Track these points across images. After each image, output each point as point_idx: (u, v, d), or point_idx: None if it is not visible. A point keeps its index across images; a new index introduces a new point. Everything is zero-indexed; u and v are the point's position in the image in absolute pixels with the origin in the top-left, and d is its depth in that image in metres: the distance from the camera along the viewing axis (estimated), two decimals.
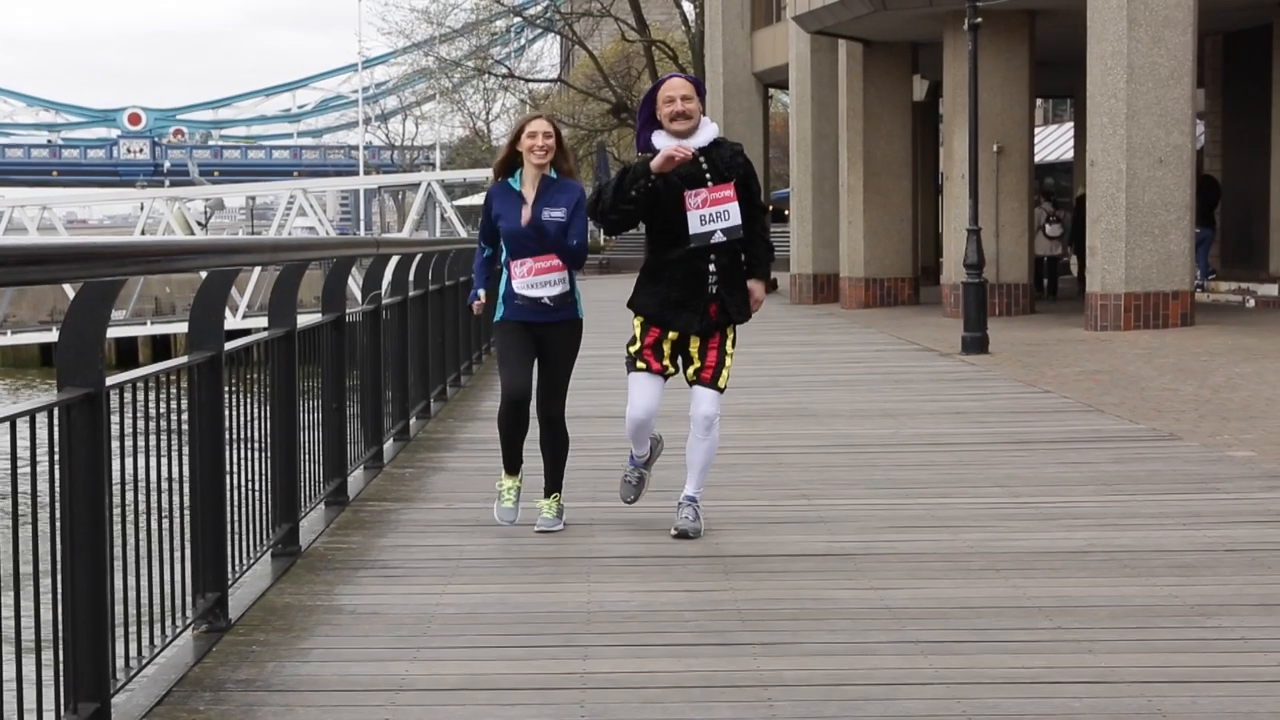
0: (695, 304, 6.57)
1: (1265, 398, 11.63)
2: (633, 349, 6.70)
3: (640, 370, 6.68)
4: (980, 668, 4.72)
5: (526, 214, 6.80)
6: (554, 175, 6.87)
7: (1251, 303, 21.60)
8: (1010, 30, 21.19)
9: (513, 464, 7.04)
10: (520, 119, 6.90)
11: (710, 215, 6.52)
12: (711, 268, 6.57)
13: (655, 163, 6.47)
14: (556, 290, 6.88)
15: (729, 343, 6.69)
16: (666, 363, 6.66)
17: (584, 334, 7.01)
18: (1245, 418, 10.57)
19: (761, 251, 6.83)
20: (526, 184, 6.88)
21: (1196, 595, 5.55)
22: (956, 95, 21.15)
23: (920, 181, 29.49)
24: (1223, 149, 25.90)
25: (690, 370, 6.67)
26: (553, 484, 6.98)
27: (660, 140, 6.59)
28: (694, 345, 6.63)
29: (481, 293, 7.13)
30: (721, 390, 6.65)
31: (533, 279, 6.84)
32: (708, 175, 6.59)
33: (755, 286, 6.76)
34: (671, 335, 6.61)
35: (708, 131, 6.67)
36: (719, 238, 6.54)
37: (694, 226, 6.53)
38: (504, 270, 6.90)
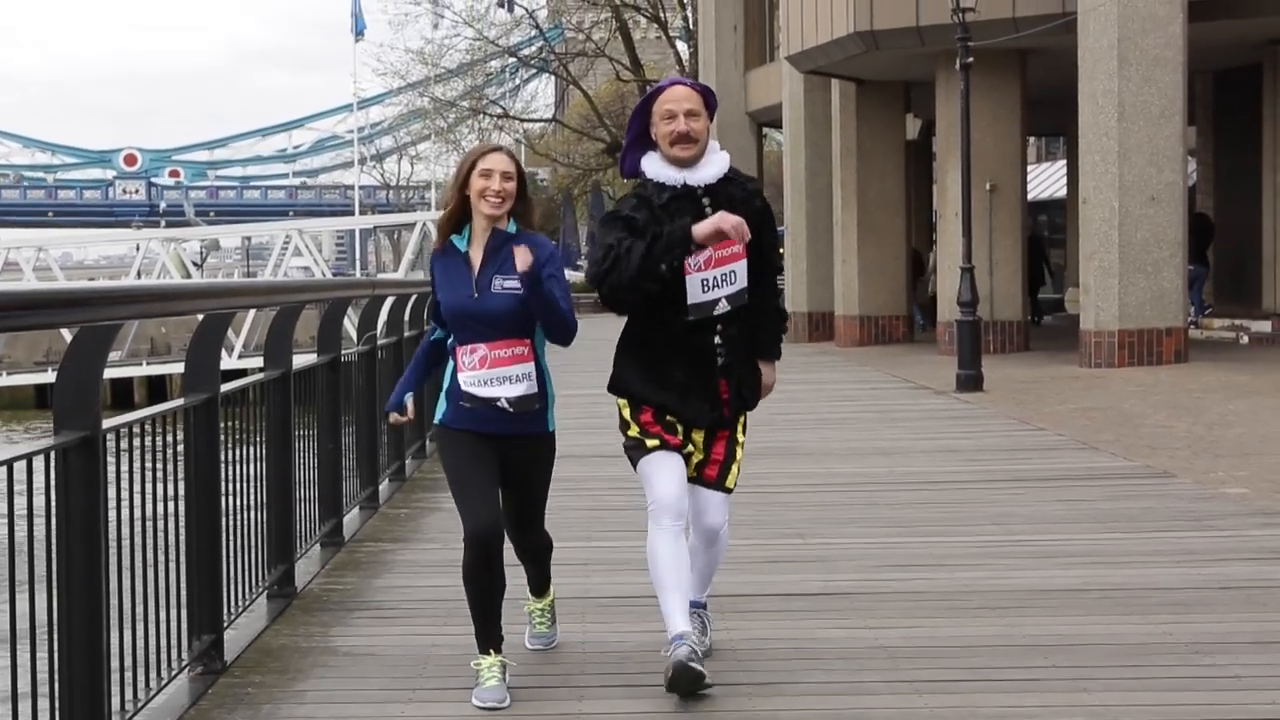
0: (704, 386, 5.06)
1: (1259, 435, 11.65)
2: (631, 432, 5.09)
3: (654, 449, 5.03)
4: (976, 706, 4.72)
5: (474, 284, 4.97)
6: (512, 229, 5.01)
7: (1245, 339, 21.64)
8: (1002, 69, 21.31)
9: (491, 636, 4.97)
10: (469, 153, 5.09)
11: (715, 280, 4.98)
12: (718, 340, 5.07)
13: (701, 231, 4.84)
14: (519, 390, 4.98)
15: (740, 430, 5.19)
16: (681, 438, 5.08)
17: (573, 374, 5.72)
18: (1239, 455, 10.59)
19: (773, 325, 5.30)
20: (475, 242, 5.02)
21: (1191, 633, 5.55)
22: (949, 134, 21.25)
23: (914, 219, 29.58)
24: (1215, 186, 26.02)
25: (691, 465, 5.13)
26: (539, 585, 5.53)
27: (653, 166, 5.06)
28: (698, 430, 5.13)
29: (408, 400, 5.20)
30: (730, 491, 5.20)
31: (485, 373, 4.96)
32: None
33: (766, 370, 5.29)
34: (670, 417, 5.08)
35: (717, 162, 5.08)
36: (723, 307, 5.00)
37: (694, 294, 4.98)
38: (452, 361, 5.09)
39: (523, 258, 4.79)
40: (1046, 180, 40.53)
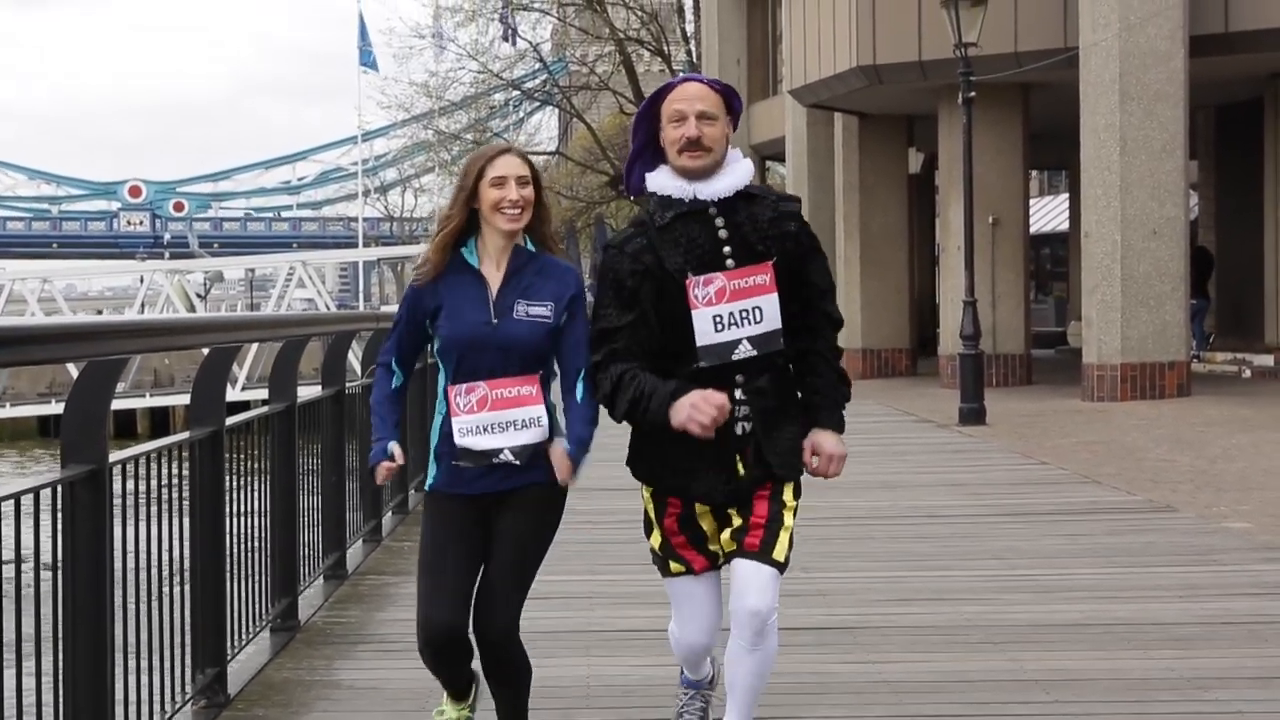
0: (715, 455, 4.08)
1: (1262, 469, 11.65)
2: (654, 542, 4.27)
3: (679, 575, 4.25)
4: None
5: (492, 307, 4.18)
6: (531, 247, 4.25)
7: (1248, 373, 21.65)
8: (1004, 104, 21.38)
9: (458, 685, 4.48)
10: (475, 155, 4.30)
11: (732, 316, 4.05)
12: (738, 394, 4.09)
13: (677, 419, 3.96)
14: (524, 438, 4.16)
15: (787, 491, 4.16)
16: (716, 548, 4.20)
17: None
18: (1242, 489, 10.59)
19: (830, 381, 4.22)
20: (486, 259, 4.23)
21: (1193, 668, 5.55)
22: (952, 168, 21.31)
23: (917, 253, 29.64)
24: (1216, 220, 26.07)
25: (728, 532, 4.17)
26: None
27: (660, 182, 4.14)
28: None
29: (394, 447, 4.24)
30: (780, 566, 4.11)
31: (484, 417, 4.14)
32: (727, 248, 4.09)
33: (825, 440, 4.18)
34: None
35: (736, 172, 4.14)
36: (744, 351, 4.07)
37: (704, 333, 4.06)
38: (443, 407, 4.24)
39: (563, 475, 4.21)
40: (1049, 214, 40.62)
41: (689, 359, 4.08)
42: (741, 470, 4.10)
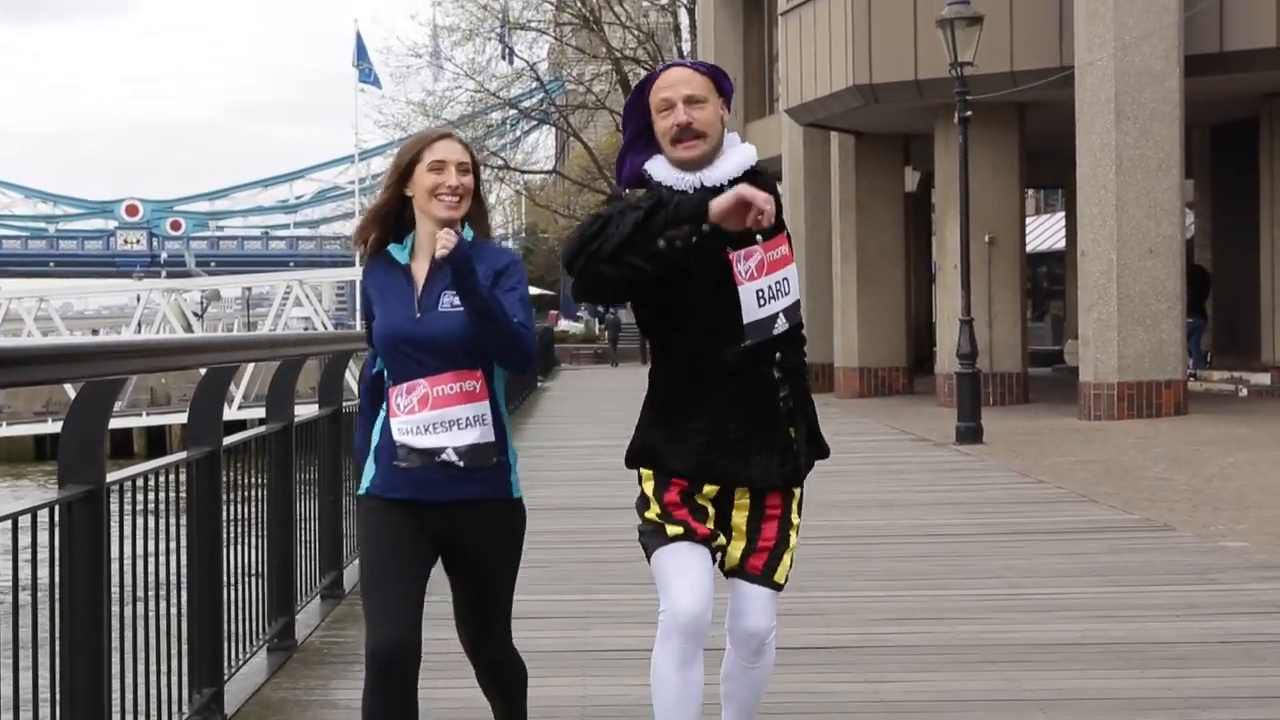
0: (768, 435, 3.91)
1: (1259, 487, 11.66)
2: (650, 513, 3.90)
3: (676, 540, 3.85)
4: None
5: (415, 302, 3.92)
6: (467, 235, 3.96)
7: (1244, 392, 21.67)
8: (1001, 123, 21.45)
9: None
10: (414, 138, 4.11)
11: (771, 290, 3.88)
12: (777, 373, 3.93)
13: (718, 206, 3.64)
14: (469, 437, 3.89)
15: (795, 507, 4.04)
16: (712, 525, 3.91)
17: (559, 425, 4.07)
18: (1239, 508, 10.60)
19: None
20: (419, 255, 3.96)
21: (1191, 687, 5.55)
22: (948, 186, 21.36)
23: (913, 271, 29.69)
24: (1212, 239, 26.13)
25: (731, 551, 3.96)
26: None
27: (659, 170, 3.86)
28: (740, 508, 3.94)
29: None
30: (779, 588, 4.03)
31: (426, 416, 3.87)
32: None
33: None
34: (709, 489, 3.90)
35: (736, 156, 3.94)
36: (781, 325, 3.89)
37: (750, 310, 3.84)
38: (383, 406, 3.98)
39: (443, 239, 3.79)
40: (1045, 232, 40.70)
41: (734, 338, 3.82)
42: (796, 450, 3.94)
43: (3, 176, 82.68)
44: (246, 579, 5.93)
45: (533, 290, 65.07)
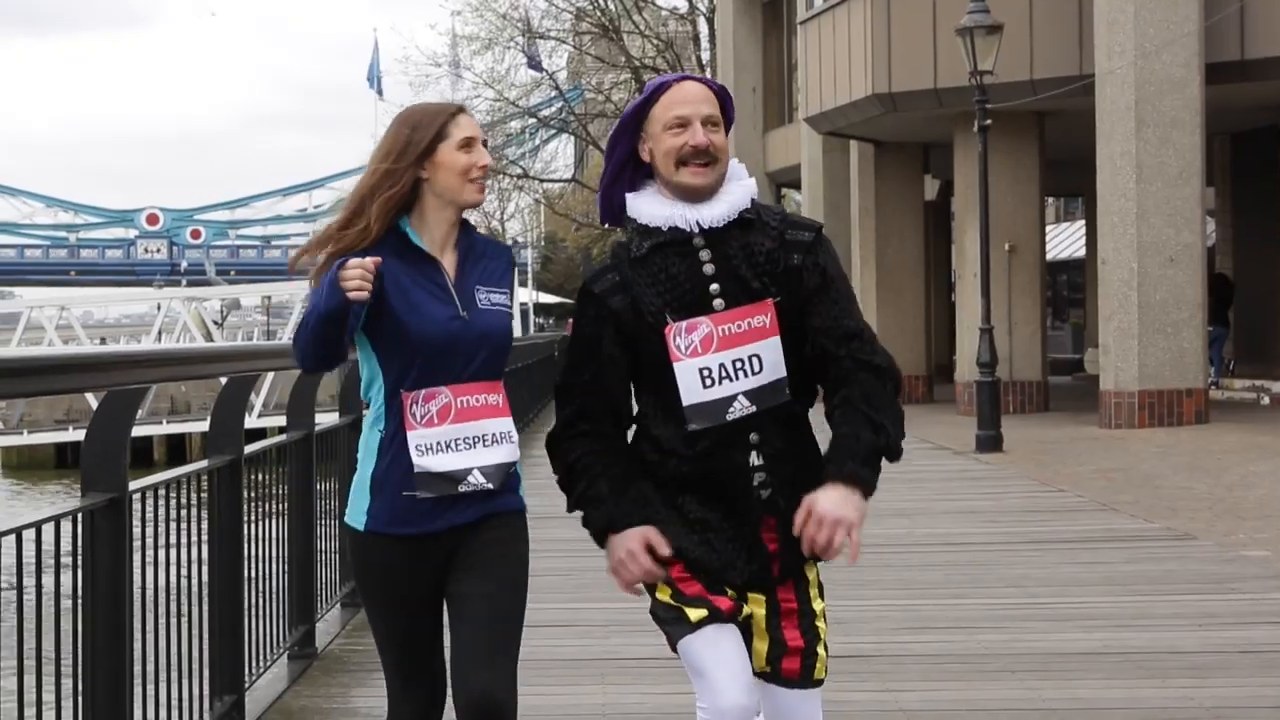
0: (735, 527, 3.35)
1: None
2: (662, 595, 3.40)
3: (701, 624, 3.34)
4: None
5: (456, 297, 3.40)
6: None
7: (1266, 400, 21.60)
8: (1020, 131, 21.41)
9: None
10: (425, 110, 3.48)
11: (724, 368, 3.31)
12: (754, 457, 3.34)
13: (608, 563, 3.43)
14: (498, 455, 3.41)
15: (813, 587, 3.46)
16: (733, 597, 3.37)
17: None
18: (1260, 516, 10.56)
19: (852, 429, 3.29)
20: (429, 238, 3.43)
21: (1211, 697, 5.54)
22: (967, 195, 21.32)
23: (933, 280, 29.65)
24: (1234, 247, 26.04)
25: (757, 647, 3.42)
26: None
27: (642, 203, 3.40)
28: (755, 602, 3.40)
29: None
30: (821, 683, 3.45)
31: (449, 430, 3.35)
32: (715, 286, 3.33)
33: (821, 498, 3.23)
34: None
35: (731, 197, 3.38)
36: (741, 408, 3.31)
37: (690, 390, 3.31)
38: (382, 421, 3.43)
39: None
40: (1065, 240, 40.59)
41: (671, 422, 3.34)
42: (772, 547, 3.34)
43: (24, 186, 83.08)
44: (268, 587, 5.95)
45: (550, 299, 65.21)
